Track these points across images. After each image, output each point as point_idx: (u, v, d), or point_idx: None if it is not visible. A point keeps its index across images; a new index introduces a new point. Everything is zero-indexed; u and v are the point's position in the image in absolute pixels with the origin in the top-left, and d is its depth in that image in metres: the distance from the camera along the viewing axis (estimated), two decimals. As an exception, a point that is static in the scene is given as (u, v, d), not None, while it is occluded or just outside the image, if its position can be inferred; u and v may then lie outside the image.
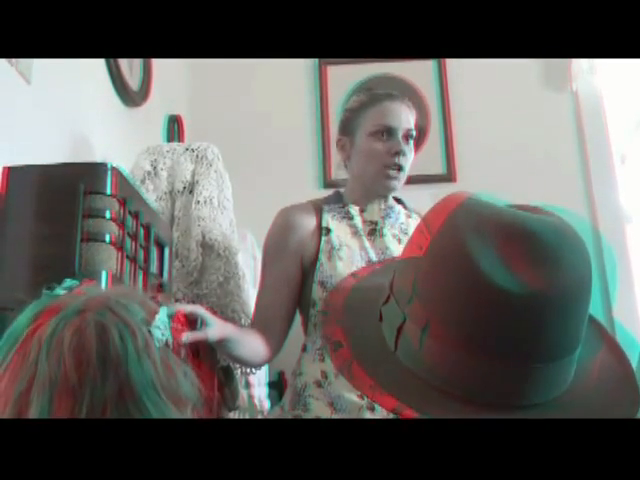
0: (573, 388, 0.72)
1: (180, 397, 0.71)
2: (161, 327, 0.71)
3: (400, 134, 1.49)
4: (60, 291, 0.74)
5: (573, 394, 0.72)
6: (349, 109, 1.58)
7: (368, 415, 1.35)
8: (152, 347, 0.70)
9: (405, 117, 1.50)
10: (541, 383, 0.70)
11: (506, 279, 0.66)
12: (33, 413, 0.64)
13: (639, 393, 0.75)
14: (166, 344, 0.72)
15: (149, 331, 0.71)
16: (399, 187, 1.52)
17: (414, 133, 1.52)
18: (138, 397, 0.66)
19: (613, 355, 0.80)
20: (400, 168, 1.49)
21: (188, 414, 0.72)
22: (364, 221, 1.52)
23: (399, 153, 1.47)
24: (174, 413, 0.69)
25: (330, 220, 1.51)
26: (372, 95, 1.54)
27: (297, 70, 2.69)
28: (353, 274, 0.98)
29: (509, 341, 0.68)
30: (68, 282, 0.75)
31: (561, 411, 0.70)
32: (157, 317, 0.72)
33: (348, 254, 1.46)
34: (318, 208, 1.53)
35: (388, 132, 1.48)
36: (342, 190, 1.61)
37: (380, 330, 0.78)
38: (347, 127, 1.56)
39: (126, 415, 0.65)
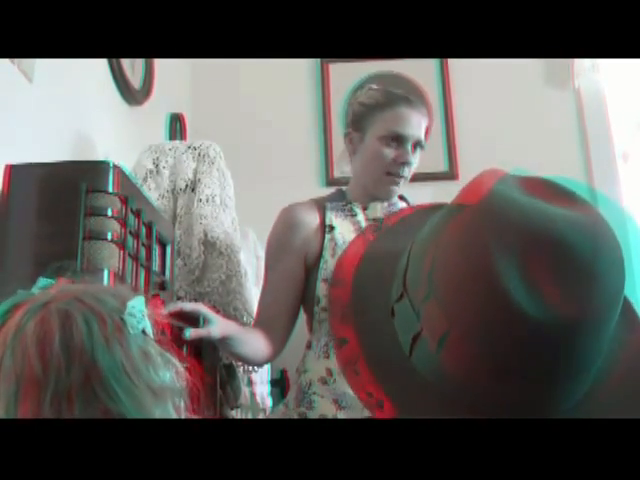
0: (598, 385, 0.68)
1: (160, 385, 0.70)
2: (136, 315, 0.71)
3: (410, 143, 1.47)
4: (35, 290, 0.74)
5: (598, 392, 0.68)
6: (363, 104, 1.53)
7: (372, 412, 1.35)
8: (124, 334, 0.69)
9: (417, 126, 1.48)
10: (559, 398, 0.66)
11: (531, 303, 0.60)
12: (1, 407, 0.65)
13: None
14: (143, 332, 0.71)
15: (121, 319, 0.70)
16: (397, 193, 1.53)
17: (424, 144, 1.50)
18: (106, 382, 0.65)
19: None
20: (402, 177, 1.49)
21: (172, 404, 0.72)
22: (367, 219, 1.52)
23: (405, 164, 1.47)
24: (151, 400, 0.69)
25: (333, 218, 1.50)
26: (389, 96, 1.50)
27: (299, 68, 2.69)
28: (346, 254, 0.88)
29: (530, 363, 0.63)
30: (42, 281, 0.75)
31: (583, 413, 0.67)
32: (130, 305, 0.71)
33: None
34: (321, 206, 1.53)
35: (398, 140, 1.47)
36: (344, 188, 1.61)
37: (393, 329, 0.73)
38: (359, 123, 1.53)
39: (94, 400, 0.65)
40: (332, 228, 1.49)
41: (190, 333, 1.16)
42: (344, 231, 1.49)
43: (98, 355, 0.66)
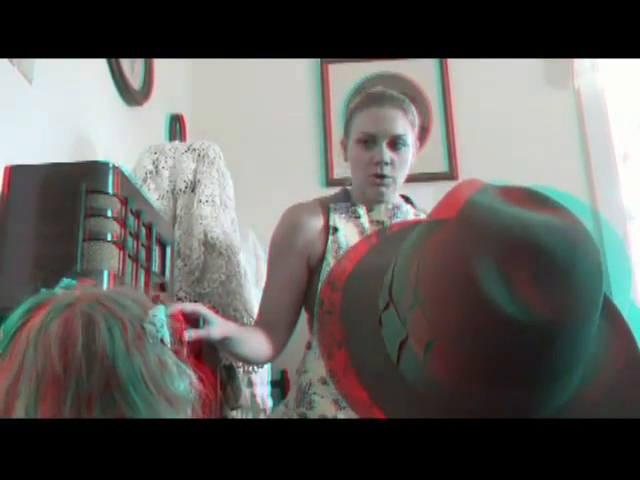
0: (584, 388, 0.70)
1: (174, 395, 0.71)
2: (157, 324, 0.71)
3: (384, 142, 1.44)
4: (57, 290, 0.74)
5: (581, 397, 0.69)
6: (349, 109, 1.55)
7: (372, 413, 1.35)
8: (144, 343, 0.70)
9: (391, 123, 1.44)
10: (545, 399, 0.67)
11: (512, 306, 0.61)
12: (20, 404, 0.65)
13: None
14: (162, 341, 0.72)
15: (142, 327, 0.71)
16: (390, 192, 1.49)
17: (406, 138, 1.46)
18: (125, 389, 0.66)
19: (626, 346, 0.76)
20: (383, 177, 1.45)
21: (184, 414, 0.72)
22: (371, 221, 1.51)
23: (380, 163, 1.44)
24: (166, 409, 0.69)
25: (338, 219, 1.50)
26: (363, 98, 1.50)
27: (299, 69, 2.69)
28: (347, 256, 0.90)
29: (514, 366, 0.64)
30: (66, 281, 0.76)
31: (569, 415, 0.68)
32: (151, 314, 0.72)
33: None
34: (325, 207, 1.53)
35: (371, 140, 1.45)
36: (350, 188, 1.60)
37: (381, 338, 0.74)
38: (346, 128, 1.54)
39: (113, 407, 0.65)
40: (336, 230, 1.48)
41: (190, 334, 1.16)
42: (348, 233, 1.48)
43: (119, 362, 0.66)
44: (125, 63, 1.90)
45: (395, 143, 1.45)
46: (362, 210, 1.52)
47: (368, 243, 0.91)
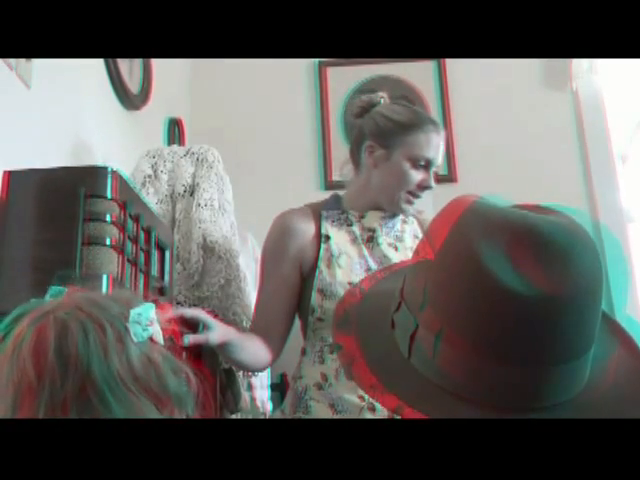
0: (589, 388, 0.72)
1: (162, 392, 0.70)
2: (142, 322, 0.71)
3: (433, 168, 1.50)
4: (47, 298, 0.74)
5: (590, 394, 0.71)
6: (391, 119, 1.49)
7: (369, 416, 1.35)
8: (125, 343, 0.69)
9: (441, 152, 1.51)
10: (556, 384, 0.69)
11: (516, 282, 0.65)
12: (1, 413, 0.65)
13: None
14: (151, 340, 0.72)
15: (124, 326, 0.70)
16: (411, 213, 1.54)
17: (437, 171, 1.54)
18: (101, 391, 0.66)
19: (629, 351, 0.79)
20: (418, 197, 1.50)
21: (179, 411, 0.72)
22: (362, 228, 1.51)
23: (428, 188, 1.49)
24: (150, 407, 0.69)
25: (329, 227, 1.50)
26: (421, 118, 1.50)
27: (297, 72, 2.69)
28: (359, 287, 0.97)
29: (522, 344, 0.67)
30: (54, 289, 0.75)
31: (578, 411, 0.70)
32: (135, 312, 0.71)
33: (347, 262, 1.45)
34: (317, 213, 1.52)
35: (427, 164, 1.48)
36: (341, 193, 1.60)
37: (393, 338, 0.77)
38: (386, 139, 1.49)
39: (90, 411, 0.65)
40: (328, 238, 1.48)
41: (189, 339, 1.16)
42: (339, 241, 1.48)
43: (93, 366, 0.66)
44: (123, 67, 1.90)
45: (433, 169, 1.51)
46: (354, 217, 1.51)
47: (374, 278, 0.97)
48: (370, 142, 1.51)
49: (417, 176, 1.47)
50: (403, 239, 1.52)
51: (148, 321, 0.72)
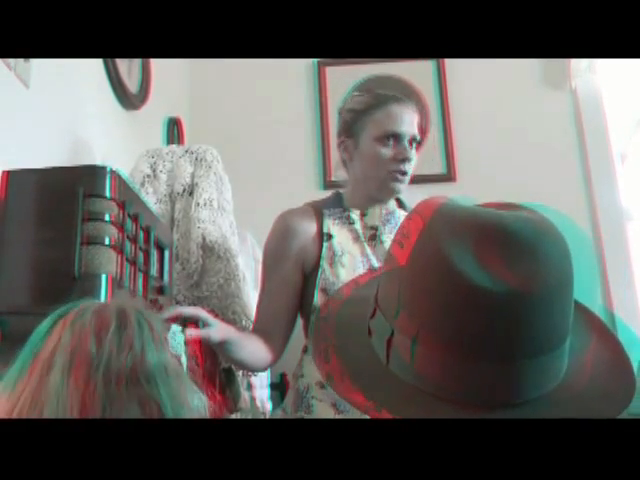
0: (567, 380, 0.72)
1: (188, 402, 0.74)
2: (176, 339, 0.76)
3: (406, 140, 1.46)
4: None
5: (567, 387, 0.72)
6: (353, 110, 1.52)
7: (371, 416, 1.35)
8: (169, 346, 0.75)
9: (410, 122, 1.47)
10: (532, 378, 0.70)
11: (485, 279, 0.66)
12: (55, 373, 0.68)
13: (634, 377, 0.76)
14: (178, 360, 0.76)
15: (165, 337, 0.77)
16: (404, 189, 1.50)
17: (418, 138, 1.49)
18: (152, 377, 0.69)
19: (605, 342, 0.80)
20: (405, 173, 1.47)
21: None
22: (365, 226, 1.50)
23: (405, 160, 1.45)
24: (191, 395, 0.73)
25: (331, 226, 1.49)
26: (378, 97, 1.49)
27: (296, 72, 2.70)
28: (355, 281, 0.98)
29: (493, 341, 0.68)
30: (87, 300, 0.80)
31: (555, 406, 0.71)
32: (174, 327, 0.77)
33: (350, 261, 1.44)
34: (318, 212, 1.52)
35: (395, 138, 1.45)
36: (342, 191, 1.59)
37: (370, 346, 0.78)
38: (350, 129, 1.52)
39: (140, 392, 0.68)
40: (330, 236, 1.47)
41: (190, 333, 1.16)
42: (342, 240, 1.47)
43: (147, 350, 0.71)
44: (122, 67, 1.90)
45: (412, 141, 1.47)
46: (356, 215, 1.51)
47: (355, 284, 0.98)
48: (341, 138, 1.55)
49: (388, 152, 1.45)
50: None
51: (178, 342, 0.76)
